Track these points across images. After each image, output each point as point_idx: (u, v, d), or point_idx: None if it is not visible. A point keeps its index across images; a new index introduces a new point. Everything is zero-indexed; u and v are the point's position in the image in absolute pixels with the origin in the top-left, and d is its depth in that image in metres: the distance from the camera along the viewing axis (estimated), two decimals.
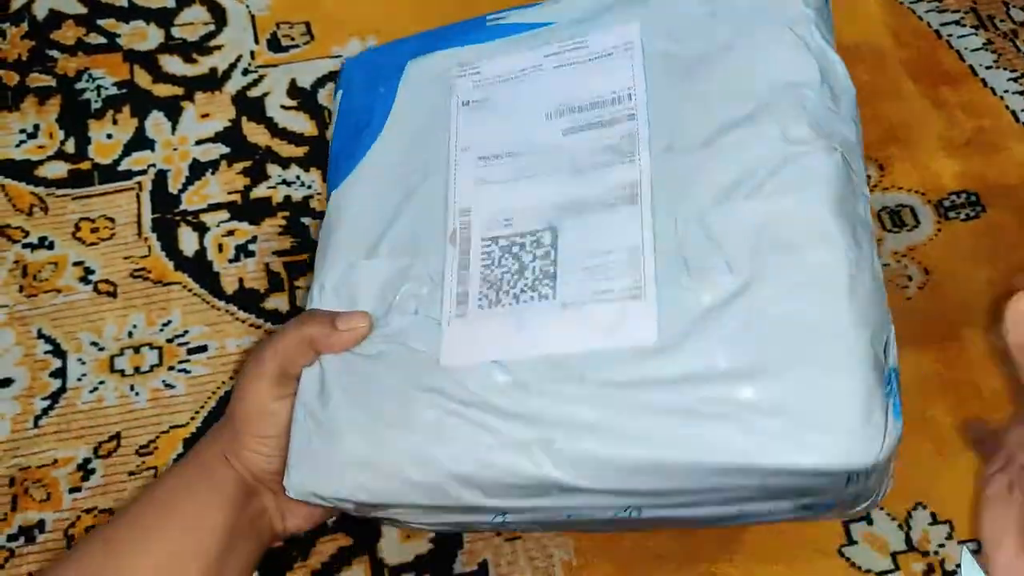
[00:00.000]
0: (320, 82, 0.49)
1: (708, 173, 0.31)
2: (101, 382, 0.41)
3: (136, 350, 0.42)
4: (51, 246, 0.44)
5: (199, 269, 0.44)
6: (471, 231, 0.33)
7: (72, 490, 0.39)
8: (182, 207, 0.45)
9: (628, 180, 0.32)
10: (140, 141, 0.46)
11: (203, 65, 0.49)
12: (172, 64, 0.48)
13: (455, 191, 0.34)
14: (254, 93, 0.48)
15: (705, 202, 0.30)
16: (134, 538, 0.31)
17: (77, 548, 0.32)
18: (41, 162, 0.46)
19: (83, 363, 0.42)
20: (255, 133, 0.47)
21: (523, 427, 0.29)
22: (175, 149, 0.46)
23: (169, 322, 0.43)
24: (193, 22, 0.50)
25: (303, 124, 0.48)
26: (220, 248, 0.44)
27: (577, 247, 0.32)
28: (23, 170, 0.45)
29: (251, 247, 0.45)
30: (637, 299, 0.30)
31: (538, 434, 0.29)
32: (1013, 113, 0.51)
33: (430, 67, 0.38)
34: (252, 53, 0.49)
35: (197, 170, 0.46)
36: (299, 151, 0.47)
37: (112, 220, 0.45)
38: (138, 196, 0.45)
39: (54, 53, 0.48)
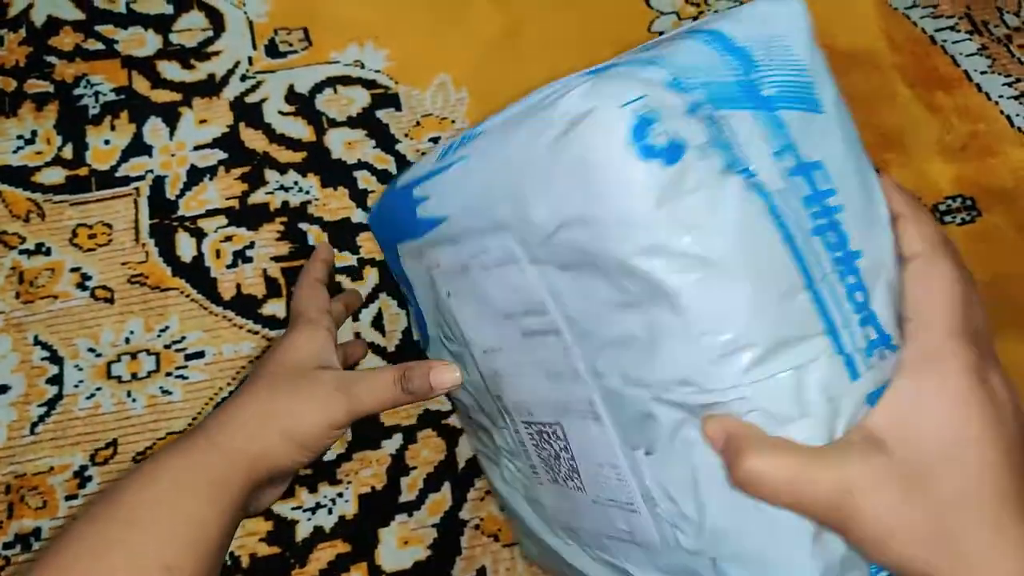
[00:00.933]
0: (318, 88, 0.49)
1: (644, 411, 0.27)
2: (98, 388, 0.41)
3: (133, 356, 0.42)
4: (48, 252, 0.44)
5: (197, 275, 0.44)
6: (510, 415, 0.33)
7: (68, 497, 0.39)
8: (180, 213, 0.45)
9: (585, 397, 0.29)
10: (138, 147, 0.46)
11: (201, 71, 0.49)
12: (170, 70, 0.48)
13: (482, 376, 0.34)
14: (252, 99, 0.48)
15: (660, 447, 0.27)
16: (121, 540, 0.28)
17: (57, 552, 0.29)
18: (38, 168, 0.45)
19: (80, 369, 0.41)
20: (253, 139, 0.47)
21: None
22: (173, 155, 0.46)
23: (166, 328, 0.43)
24: (191, 28, 0.50)
25: (301, 130, 0.48)
26: (218, 254, 0.44)
27: (582, 448, 0.30)
28: (20, 176, 0.45)
29: (249, 253, 0.44)
30: (636, 514, 0.29)
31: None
32: (1008, 118, 0.51)
33: (413, 254, 0.35)
34: (250, 59, 0.49)
35: (195, 176, 0.46)
36: (297, 156, 0.47)
37: (110, 226, 0.44)
38: (136, 202, 0.45)
39: (52, 59, 0.48)
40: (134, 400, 0.41)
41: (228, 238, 0.45)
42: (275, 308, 0.43)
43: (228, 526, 0.30)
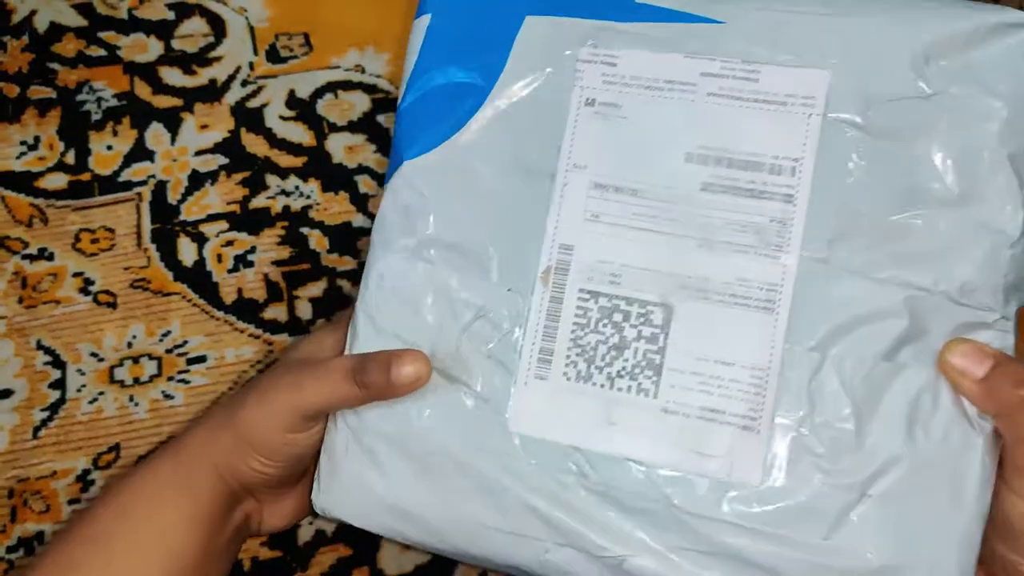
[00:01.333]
0: (319, 93, 0.49)
1: (866, 309, 0.25)
2: (100, 393, 0.41)
3: (135, 360, 0.42)
4: (51, 257, 0.44)
5: (198, 279, 0.44)
6: (568, 275, 0.28)
7: (71, 501, 0.39)
8: (181, 218, 0.45)
9: (766, 280, 0.26)
10: (140, 152, 0.46)
11: (202, 76, 0.49)
12: (172, 76, 0.49)
13: (558, 217, 0.28)
14: (253, 104, 0.48)
15: (856, 346, 0.25)
16: (97, 562, 0.27)
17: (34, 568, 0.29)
18: (41, 173, 0.46)
19: (82, 374, 0.42)
20: (254, 144, 0.47)
21: (594, 537, 0.26)
22: (174, 160, 0.47)
23: (168, 332, 0.43)
24: (193, 34, 0.50)
25: (302, 135, 0.48)
26: (219, 258, 0.45)
27: (692, 340, 0.27)
28: (23, 181, 0.45)
29: (250, 257, 0.45)
30: (749, 432, 0.25)
31: (609, 550, 0.26)
32: None
33: (554, 34, 0.29)
34: (251, 64, 0.49)
35: (196, 181, 0.46)
36: (298, 161, 0.47)
37: (112, 231, 0.45)
38: (138, 207, 0.45)
39: (55, 65, 0.48)
40: (136, 404, 0.41)
41: (229, 243, 0.45)
42: (276, 312, 0.44)
43: (203, 539, 0.28)
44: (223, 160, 0.47)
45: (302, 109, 0.48)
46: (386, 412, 0.29)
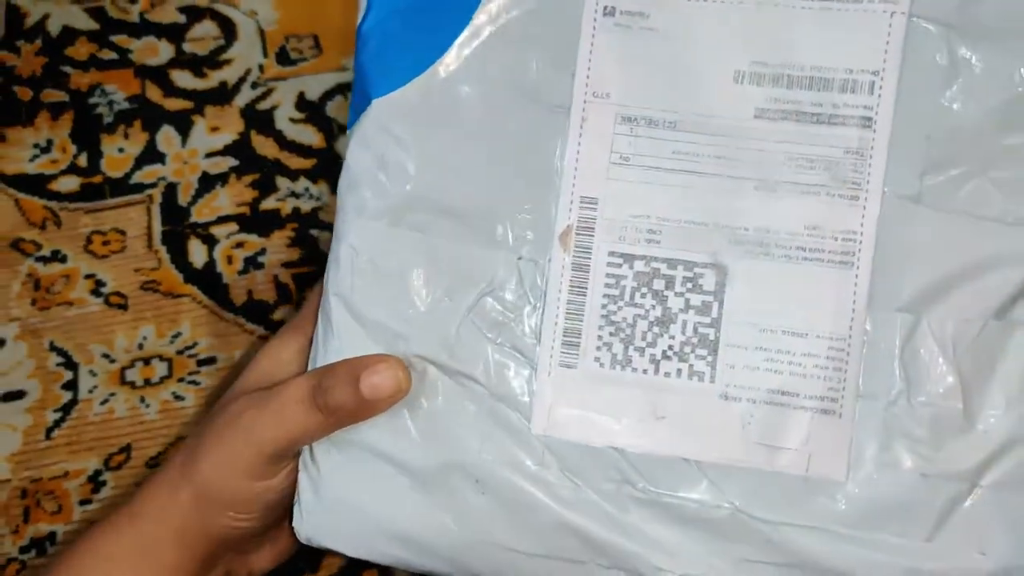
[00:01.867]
0: (328, 95, 0.49)
1: (972, 257, 0.20)
2: (112, 394, 0.42)
3: (146, 362, 0.42)
4: (63, 259, 0.44)
5: (208, 281, 0.44)
6: (594, 235, 0.23)
7: (83, 502, 0.40)
8: (192, 220, 0.45)
9: (842, 227, 0.21)
10: (151, 155, 0.47)
11: (213, 79, 0.49)
12: (183, 78, 0.49)
13: (577, 162, 0.22)
14: (263, 106, 0.49)
15: (959, 303, 0.20)
16: None
17: None
18: (54, 176, 0.46)
19: (94, 375, 0.42)
20: (264, 146, 0.47)
21: (646, 555, 0.22)
22: (185, 162, 0.47)
23: (179, 334, 0.43)
24: (203, 37, 0.50)
25: (311, 137, 0.48)
26: (229, 260, 0.45)
27: (753, 308, 0.22)
28: (36, 184, 0.46)
29: (260, 259, 0.45)
30: (829, 416, 0.21)
31: (665, 570, 0.22)
32: None
33: None
34: (261, 67, 0.50)
35: (206, 183, 0.46)
36: (307, 163, 0.47)
37: (123, 233, 0.45)
38: (148, 209, 0.46)
39: (67, 69, 0.49)
40: (147, 405, 0.41)
41: (239, 244, 0.45)
42: (286, 314, 0.44)
43: None
44: (233, 162, 0.47)
45: (312, 111, 0.48)
46: (373, 420, 0.24)
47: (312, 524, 0.25)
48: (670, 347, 0.22)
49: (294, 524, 0.26)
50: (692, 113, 0.22)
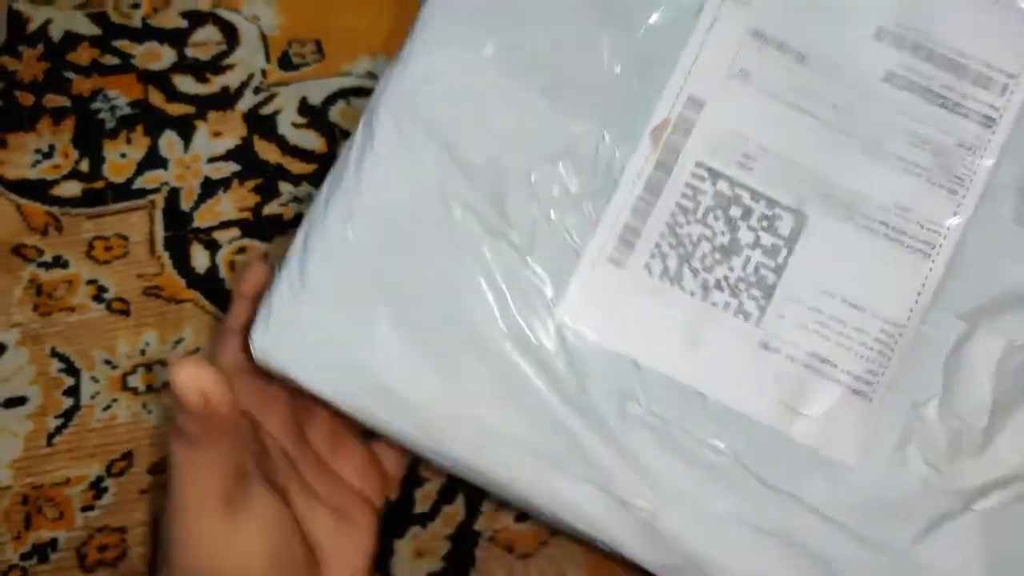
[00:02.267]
0: (331, 100, 0.49)
1: None
2: (114, 400, 0.42)
3: (148, 368, 0.42)
4: (65, 265, 0.44)
5: (211, 287, 0.44)
6: (688, 139, 0.21)
7: (84, 508, 0.40)
8: (194, 225, 0.45)
9: (932, 216, 0.21)
10: (153, 160, 0.47)
11: (215, 84, 0.49)
12: (185, 84, 0.49)
13: (695, 59, 0.21)
14: (265, 111, 0.48)
15: (1018, 326, 0.20)
16: None
17: None
18: (56, 181, 0.46)
19: (96, 381, 0.42)
20: (266, 151, 0.47)
21: (628, 477, 0.21)
22: (187, 167, 0.47)
23: (181, 340, 0.43)
24: (206, 42, 0.50)
25: (314, 142, 0.48)
26: (232, 266, 0.45)
27: (820, 266, 0.21)
28: (38, 189, 0.46)
29: None
30: (860, 397, 0.21)
31: (644, 496, 0.21)
32: None
33: None
34: (263, 72, 0.50)
35: (209, 188, 0.46)
36: (309, 168, 0.47)
37: (125, 238, 0.45)
38: (151, 214, 0.46)
39: (69, 74, 0.49)
40: (149, 412, 0.41)
41: (242, 250, 0.45)
42: None
43: None
44: (236, 167, 0.47)
45: (314, 116, 0.48)
46: (382, 254, 0.21)
47: (274, 340, 0.22)
48: (726, 278, 0.21)
49: (252, 334, 0.23)
50: (826, 53, 0.21)
